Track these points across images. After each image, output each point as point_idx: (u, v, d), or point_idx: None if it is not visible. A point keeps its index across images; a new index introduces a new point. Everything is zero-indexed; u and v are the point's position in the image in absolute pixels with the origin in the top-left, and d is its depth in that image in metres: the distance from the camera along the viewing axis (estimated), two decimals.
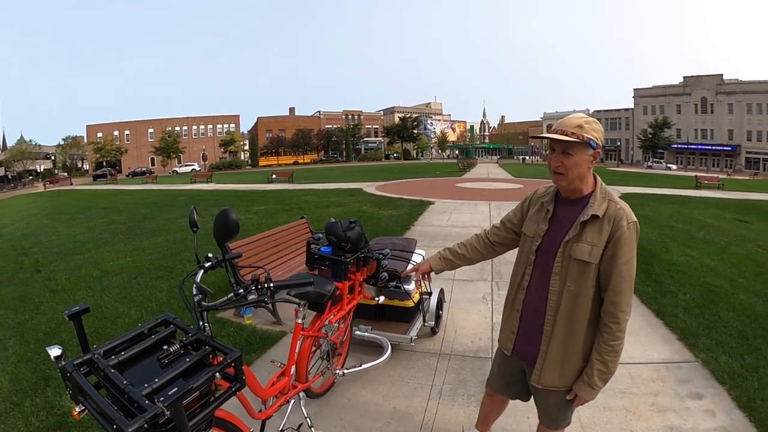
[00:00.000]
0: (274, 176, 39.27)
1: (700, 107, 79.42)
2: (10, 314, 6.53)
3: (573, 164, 2.18)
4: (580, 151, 2.17)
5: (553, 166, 2.25)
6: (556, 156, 2.22)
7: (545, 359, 2.39)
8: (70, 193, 36.54)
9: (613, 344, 2.22)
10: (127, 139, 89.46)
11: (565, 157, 2.19)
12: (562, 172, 2.22)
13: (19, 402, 4.09)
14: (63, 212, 20.87)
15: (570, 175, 2.21)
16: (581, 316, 2.27)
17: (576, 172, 2.20)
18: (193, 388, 1.92)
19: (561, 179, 2.26)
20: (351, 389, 4.16)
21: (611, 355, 2.23)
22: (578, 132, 2.14)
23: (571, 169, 2.19)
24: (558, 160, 2.21)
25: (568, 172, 2.20)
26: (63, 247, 11.62)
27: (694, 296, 6.45)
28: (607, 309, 2.23)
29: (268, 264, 6.28)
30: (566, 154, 2.18)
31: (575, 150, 2.17)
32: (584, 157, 2.18)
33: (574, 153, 2.17)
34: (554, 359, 2.36)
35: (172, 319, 2.41)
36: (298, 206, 17.96)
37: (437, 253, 3.08)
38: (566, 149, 2.18)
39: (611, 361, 2.24)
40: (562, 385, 2.40)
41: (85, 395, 1.93)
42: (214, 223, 2.53)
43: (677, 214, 15.37)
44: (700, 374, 4.33)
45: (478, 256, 2.94)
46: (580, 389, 2.33)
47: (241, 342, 5.11)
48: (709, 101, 78.01)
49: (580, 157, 2.17)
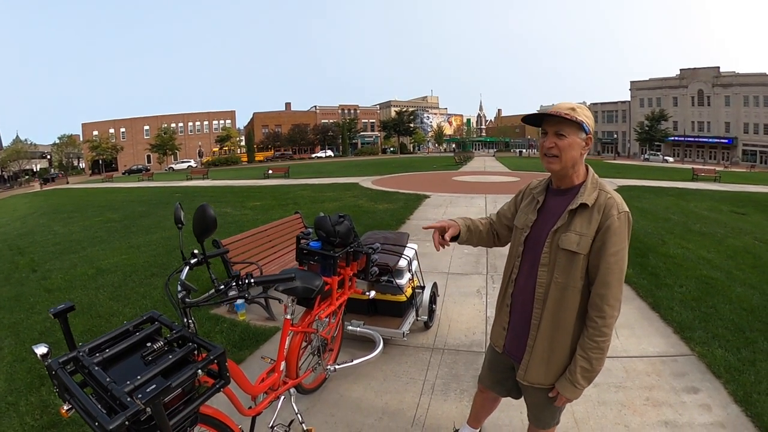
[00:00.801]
0: (270, 171, 39.11)
1: (697, 100, 79.23)
2: (6, 314, 6.52)
3: (566, 145, 2.14)
4: (573, 133, 2.13)
5: (545, 148, 2.21)
6: (549, 137, 2.18)
7: (531, 355, 2.34)
8: (66, 192, 36.42)
9: (598, 340, 2.16)
10: (122, 136, 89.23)
11: (559, 138, 2.15)
12: (555, 153, 2.18)
13: (14, 401, 4.10)
14: (59, 211, 20.81)
15: (564, 157, 2.17)
16: (569, 310, 2.22)
17: (569, 155, 2.16)
18: (173, 385, 1.91)
19: (554, 162, 2.20)
20: (343, 385, 4.16)
21: (596, 352, 2.17)
22: (571, 113, 2.10)
23: (565, 150, 2.15)
24: (551, 141, 2.17)
25: (562, 154, 2.16)
26: (59, 246, 11.59)
27: (690, 289, 6.43)
28: (593, 302, 2.17)
29: (261, 260, 6.26)
30: (559, 135, 2.14)
31: (568, 131, 2.13)
32: (577, 140, 2.14)
33: (567, 134, 2.13)
34: (540, 355, 2.31)
35: (158, 316, 2.41)
36: (293, 201, 17.95)
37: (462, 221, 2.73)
38: (559, 130, 2.14)
39: (596, 359, 2.18)
40: (548, 382, 2.34)
41: (71, 393, 1.93)
42: (193, 220, 2.51)
43: (674, 206, 15.38)
44: (696, 368, 4.31)
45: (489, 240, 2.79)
46: (562, 387, 2.27)
47: (234, 338, 5.10)
48: (705, 94, 77.87)
49: (573, 139, 2.14)
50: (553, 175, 2.34)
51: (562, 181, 2.29)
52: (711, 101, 77.22)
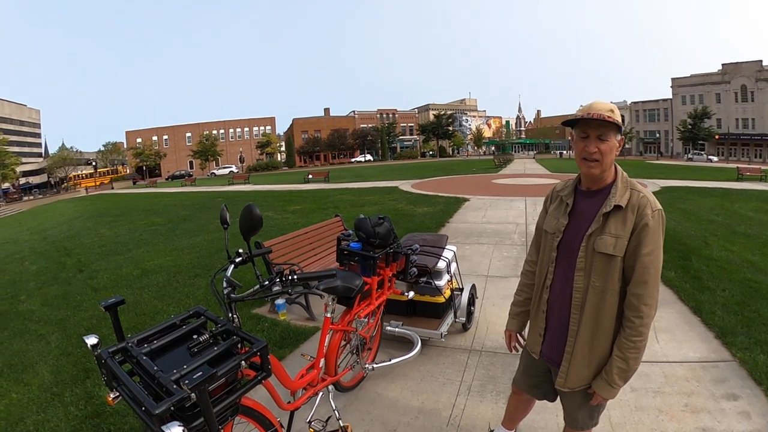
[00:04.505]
0: (310, 176, 39.55)
1: (740, 95, 76.14)
2: (53, 311, 6.81)
3: (608, 149, 2.12)
4: (612, 136, 2.12)
5: (588, 153, 2.15)
6: (592, 142, 2.13)
7: (571, 361, 2.30)
8: (111, 197, 37.53)
9: (635, 340, 2.13)
10: (165, 143, 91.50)
11: (601, 143, 2.12)
12: (597, 158, 2.14)
13: (59, 392, 4.29)
14: (104, 215, 21.48)
15: (605, 161, 2.14)
16: (608, 314, 2.19)
17: (609, 158, 2.14)
18: (218, 373, 1.99)
19: (596, 167, 2.16)
20: (381, 384, 4.19)
21: (633, 351, 2.14)
22: (612, 116, 2.08)
23: (606, 154, 2.12)
24: (594, 145, 2.13)
25: (604, 158, 2.13)
26: (104, 248, 11.98)
27: (733, 293, 6.21)
28: (629, 302, 2.14)
29: (302, 261, 6.35)
30: (601, 140, 2.12)
31: (609, 134, 2.11)
32: (614, 142, 2.13)
33: (608, 137, 2.11)
34: (580, 360, 2.28)
35: (203, 311, 2.50)
36: (334, 205, 18.06)
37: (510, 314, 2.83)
38: (602, 134, 2.12)
39: (633, 358, 2.15)
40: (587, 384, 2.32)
41: (118, 381, 2.03)
42: (240, 218, 2.61)
43: (718, 207, 14.92)
44: (737, 374, 4.16)
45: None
46: (598, 386, 2.24)
47: (275, 337, 5.20)
48: (749, 89, 74.80)
49: (613, 141, 2.12)
50: (587, 178, 2.28)
51: (595, 183, 2.26)
52: (755, 96, 74.05)
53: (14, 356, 5.27)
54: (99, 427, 3.68)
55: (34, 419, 3.89)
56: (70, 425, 3.75)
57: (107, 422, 3.72)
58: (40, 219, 26.09)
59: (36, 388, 4.46)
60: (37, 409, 4.05)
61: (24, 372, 4.84)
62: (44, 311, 6.87)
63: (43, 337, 5.77)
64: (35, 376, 4.70)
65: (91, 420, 3.79)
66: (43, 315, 6.70)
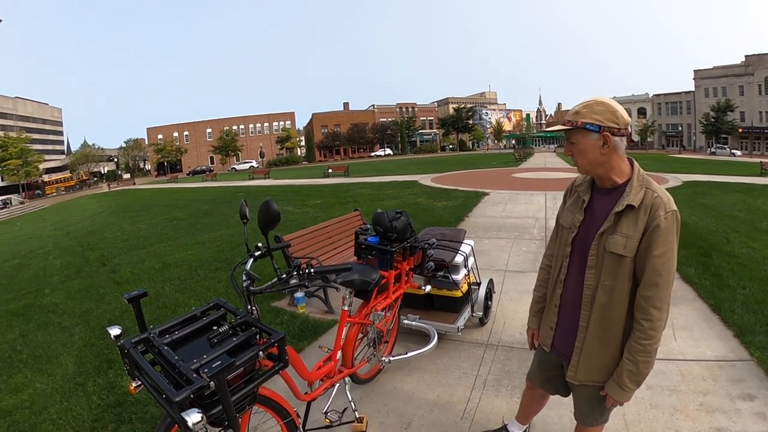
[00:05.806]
0: (330, 170, 39.46)
1: (764, 88, 73.85)
2: (77, 304, 6.98)
3: (578, 151, 2.17)
4: (581, 138, 2.13)
5: (566, 154, 2.26)
6: (566, 144, 2.23)
7: (581, 355, 2.32)
8: (133, 193, 37.98)
9: (644, 344, 2.11)
10: (186, 139, 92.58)
11: (571, 145, 2.19)
12: (575, 160, 2.22)
13: (82, 382, 4.42)
14: (126, 210, 21.80)
15: (580, 162, 2.20)
16: (616, 312, 2.19)
17: (585, 159, 2.17)
18: (236, 363, 2.05)
19: (577, 166, 2.25)
20: (397, 376, 4.23)
21: (642, 355, 2.12)
22: (574, 119, 2.12)
23: (579, 156, 2.18)
24: (568, 149, 2.22)
25: (578, 159, 2.19)
26: (127, 243, 12.19)
27: (754, 291, 6.07)
28: (639, 305, 2.12)
29: (321, 255, 6.39)
30: (570, 143, 2.19)
31: (576, 137, 2.15)
32: (589, 142, 2.12)
33: (576, 140, 2.16)
34: (589, 355, 2.29)
35: (223, 303, 2.57)
36: (353, 199, 18.14)
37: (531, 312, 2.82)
38: (569, 138, 2.18)
39: (643, 362, 2.13)
40: (598, 380, 2.33)
41: (140, 370, 2.10)
42: (258, 214, 2.66)
43: (740, 203, 14.64)
44: (755, 374, 4.09)
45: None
46: (611, 389, 2.25)
47: (294, 329, 5.27)
48: None
49: (584, 143, 2.13)
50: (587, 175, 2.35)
51: (602, 182, 2.26)
52: None
53: (38, 347, 5.42)
54: (121, 416, 3.77)
55: (57, 408, 4.00)
56: (93, 414, 3.85)
57: (129, 411, 3.81)
58: (62, 215, 26.63)
59: (60, 378, 4.58)
60: (61, 399, 4.16)
61: (48, 363, 4.98)
62: (68, 304, 7.04)
63: (67, 329, 5.92)
64: (59, 367, 4.83)
65: (113, 409, 3.89)
66: (67, 308, 6.87)
